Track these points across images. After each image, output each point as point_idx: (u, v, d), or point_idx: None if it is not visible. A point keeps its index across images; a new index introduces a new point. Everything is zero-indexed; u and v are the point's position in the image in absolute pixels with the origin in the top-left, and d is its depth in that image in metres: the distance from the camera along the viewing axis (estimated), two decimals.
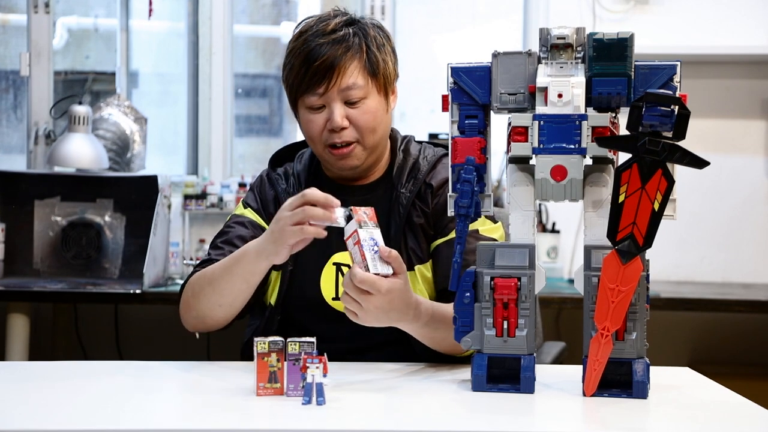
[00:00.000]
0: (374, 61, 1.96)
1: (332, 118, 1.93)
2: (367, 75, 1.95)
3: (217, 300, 1.90)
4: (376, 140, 1.98)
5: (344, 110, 1.94)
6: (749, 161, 4.00)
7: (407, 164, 2.03)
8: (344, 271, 1.98)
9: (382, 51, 1.98)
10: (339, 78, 1.93)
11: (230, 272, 1.87)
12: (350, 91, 1.93)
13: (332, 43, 1.93)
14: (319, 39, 1.94)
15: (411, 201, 1.99)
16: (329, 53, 1.92)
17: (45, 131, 3.85)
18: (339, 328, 1.95)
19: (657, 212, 1.54)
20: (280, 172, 2.10)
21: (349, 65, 1.93)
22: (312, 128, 1.96)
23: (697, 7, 3.97)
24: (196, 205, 3.90)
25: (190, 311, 1.96)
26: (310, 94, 1.94)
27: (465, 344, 1.64)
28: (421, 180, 2.01)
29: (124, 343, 3.82)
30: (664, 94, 1.53)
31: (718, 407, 1.58)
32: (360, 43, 1.95)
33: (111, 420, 1.45)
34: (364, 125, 1.95)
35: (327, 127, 1.95)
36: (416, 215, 1.99)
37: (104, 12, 4.32)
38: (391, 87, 2.02)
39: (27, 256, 3.60)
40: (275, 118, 4.56)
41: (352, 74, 1.93)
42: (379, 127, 1.97)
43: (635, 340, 1.59)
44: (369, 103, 1.95)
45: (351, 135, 1.95)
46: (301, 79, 1.94)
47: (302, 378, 1.51)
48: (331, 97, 1.93)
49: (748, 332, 3.94)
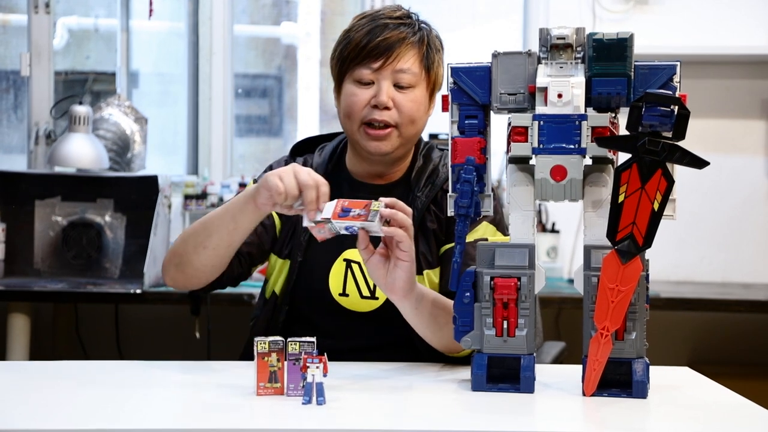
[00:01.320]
0: (431, 58, 1.98)
1: (379, 95, 1.93)
2: (422, 67, 1.96)
3: (202, 241, 1.89)
4: (412, 133, 1.97)
5: (392, 91, 1.94)
6: (749, 161, 4.01)
7: (426, 169, 2.03)
8: (354, 268, 1.99)
9: (438, 54, 2.00)
10: (396, 59, 1.93)
11: (220, 213, 1.87)
12: (403, 75, 1.94)
13: (396, 27, 1.95)
14: (383, 20, 1.96)
15: (426, 206, 1.99)
16: (392, 34, 1.94)
17: (45, 131, 3.85)
18: (344, 324, 1.96)
19: (657, 212, 1.54)
20: (300, 161, 2.09)
21: (408, 50, 1.94)
22: (354, 102, 1.95)
23: (697, 7, 3.97)
24: (197, 205, 3.90)
25: (172, 259, 1.95)
26: (363, 67, 1.94)
27: (465, 344, 1.64)
28: (439, 186, 2.01)
29: (124, 343, 3.82)
30: (663, 94, 1.53)
31: (718, 407, 1.58)
32: (422, 37, 1.97)
33: (111, 420, 1.45)
34: (407, 111, 1.94)
35: (371, 103, 1.94)
36: (430, 220, 1.99)
37: (104, 12, 4.32)
38: (436, 93, 2.02)
39: (27, 256, 3.60)
40: (275, 118, 4.56)
41: (409, 60, 1.94)
42: (419, 120, 1.98)
43: (635, 339, 1.60)
44: (417, 93, 1.96)
45: (392, 117, 1.94)
46: (358, 52, 1.94)
47: (302, 378, 1.51)
48: (384, 75, 1.94)
49: (748, 332, 3.94)
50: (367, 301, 1.98)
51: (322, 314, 2.00)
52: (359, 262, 1.97)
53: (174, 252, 1.95)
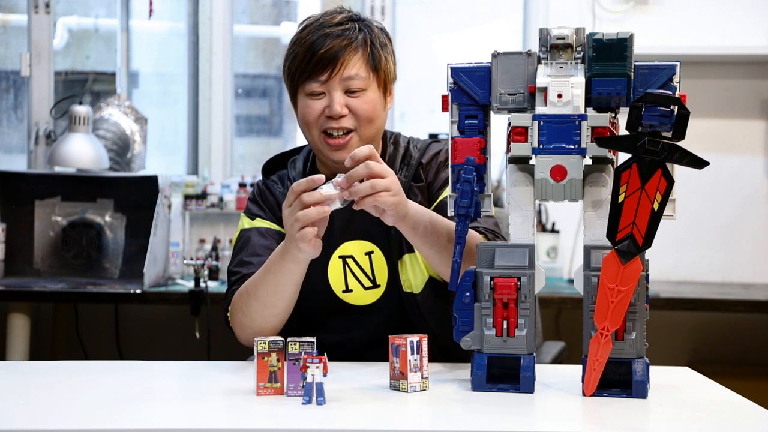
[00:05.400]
0: (377, 57, 1.98)
1: (332, 105, 1.95)
2: (369, 68, 1.97)
3: (270, 312, 1.90)
4: (372, 132, 1.99)
5: (344, 99, 1.96)
6: (749, 161, 4.01)
7: (398, 154, 2.07)
8: (349, 263, 2.00)
9: (385, 50, 2.01)
10: (342, 68, 1.94)
11: (274, 283, 1.87)
12: (352, 81, 1.95)
13: (337, 35, 1.96)
14: (324, 30, 1.96)
15: (408, 185, 2.02)
16: (334, 43, 1.94)
17: (45, 131, 3.85)
18: (350, 319, 1.98)
19: (656, 212, 1.54)
20: (275, 178, 2.12)
21: (352, 56, 1.95)
22: (309, 113, 1.97)
23: (696, 7, 3.97)
24: (197, 205, 3.91)
25: (245, 330, 1.94)
26: (311, 81, 1.96)
27: (465, 344, 1.64)
28: (415, 165, 2.04)
29: (124, 343, 3.82)
30: (663, 94, 1.53)
31: (717, 407, 1.58)
32: (364, 38, 1.98)
33: (111, 420, 1.45)
34: (363, 114, 1.96)
35: (325, 113, 1.96)
36: (413, 194, 2.01)
37: (104, 12, 4.33)
38: (390, 87, 2.04)
39: (27, 256, 3.60)
40: (275, 118, 4.56)
41: (354, 65, 1.95)
42: (377, 119, 1.99)
43: (635, 339, 1.60)
44: (369, 95, 1.97)
45: (349, 123, 1.96)
46: (304, 66, 1.96)
47: (302, 378, 1.51)
48: (332, 85, 1.95)
49: (747, 332, 3.94)
50: (371, 292, 2.01)
51: (328, 313, 2.02)
52: (353, 256, 2.00)
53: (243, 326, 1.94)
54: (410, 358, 1.60)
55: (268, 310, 1.89)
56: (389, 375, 1.64)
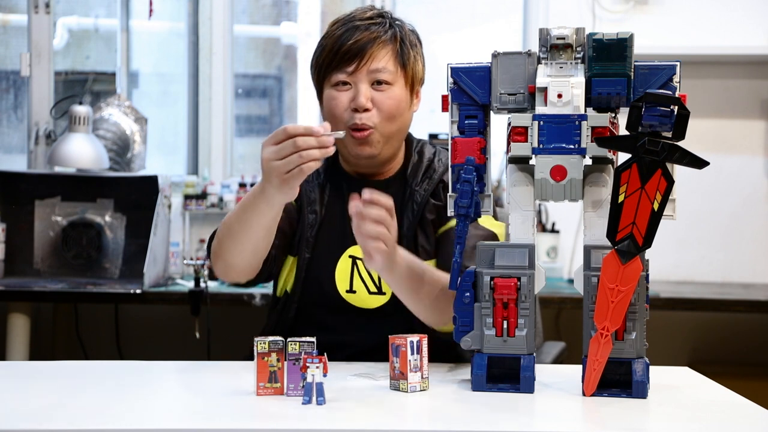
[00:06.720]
0: (406, 54, 1.98)
1: (357, 97, 1.94)
2: (397, 64, 1.97)
3: (239, 248, 1.89)
4: (393, 130, 1.98)
5: (370, 92, 1.95)
6: (749, 161, 4.01)
7: (422, 165, 2.05)
8: (359, 264, 2.00)
9: (414, 49, 2.01)
10: (369, 60, 1.94)
11: (247, 222, 1.86)
12: (379, 74, 1.95)
13: (366, 28, 1.96)
14: (355, 23, 1.97)
15: (426, 199, 2.01)
16: (363, 35, 1.95)
17: (45, 131, 3.85)
18: (352, 321, 1.97)
19: (656, 212, 1.54)
20: None
21: (381, 50, 1.96)
22: (335, 105, 1.96)
23: (696, 7, 3.97)
24: (197, 205, 3.90)
25: (218, 260, 1.95)
26: (338, 71, 1.96)
27: (465, 344, 1.64)
28: (437, 180, 2.03)
29: (124, 343, 3.82)
30: (663, 94, 1.53)
31: (717, 407, 1.58)
32: (394, 34, 1.98)
33: (111, 420, 1.45)
34: (387, 110, 1.95)
35: (351, 106, 1.95)
36: (428, 211, 2.01)
37: (104, 12, 4.32)
38: (417, 88, 2.04)
39: (27, 256, 3.60)
40: (275, 118, 4.56)
41: (383, 59, 1.96)
42: (400, 117, 1.98)
43: (635, 339, 1.60)
44: (395, 90, 1.97)
45: (372, 119, 1.95)
46: (332, 58, 1.96)
47: (302, 378, 1.51)
48: (359, 77, 1.95)
49: (747, 332, 3.94)
50: (374, 297, 2.00)
51: (331, 312, 2.02)
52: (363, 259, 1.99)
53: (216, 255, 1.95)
54: (410, 358, 1.60)
55: (238, 246, 1.88)
56: (389, 375, 1.64)
